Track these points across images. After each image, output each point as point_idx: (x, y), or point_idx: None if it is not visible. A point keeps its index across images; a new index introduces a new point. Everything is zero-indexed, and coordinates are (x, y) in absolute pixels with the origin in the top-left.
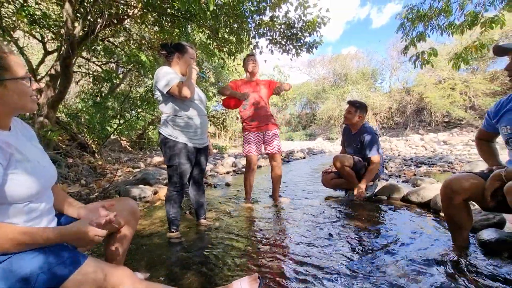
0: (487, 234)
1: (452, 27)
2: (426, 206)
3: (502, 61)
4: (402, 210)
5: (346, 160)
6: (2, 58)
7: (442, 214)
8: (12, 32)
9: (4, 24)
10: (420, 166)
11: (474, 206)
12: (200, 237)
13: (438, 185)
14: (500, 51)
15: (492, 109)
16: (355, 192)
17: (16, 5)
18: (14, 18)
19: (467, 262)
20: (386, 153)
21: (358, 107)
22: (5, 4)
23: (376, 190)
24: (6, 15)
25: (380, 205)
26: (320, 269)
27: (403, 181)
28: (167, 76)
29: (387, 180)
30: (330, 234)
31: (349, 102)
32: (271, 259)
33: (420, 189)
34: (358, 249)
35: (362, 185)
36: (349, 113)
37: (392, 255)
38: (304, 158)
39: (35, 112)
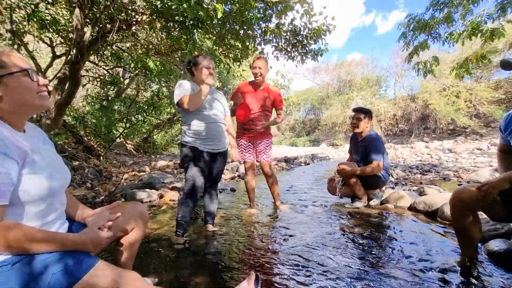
0: (496, 245)
1: (453, 37)
2: (434, 215)
3: None
4: (409, 219)
5: (352, 167)
6: None
7: (449, 222)
8: (22, 37)
9: (14, 29)
10: (426, 174)
11: (482, 216)
12: (207, 242)
13: (445, 194)
14: (508, 65)
15: (502, 123)
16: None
17: (28, 10)
18: (24, 23)
19: (477, 273)
20: (391, 161)
21: (366, 113)
22: (16, 9)
23: (382, 198)
24: (17, 20)
25: (386, 214)
26: (322, 273)
27: (409, 190)
28: (178, 89)
29: (393, 188)
30: (335, 241)
31: (356, 110)
32: (274, 263)
33: (427, 197)
34: (362, 256)
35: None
36: (359, 120)
37: (398, 264)
38: (308, 164)
39: (42, 114)
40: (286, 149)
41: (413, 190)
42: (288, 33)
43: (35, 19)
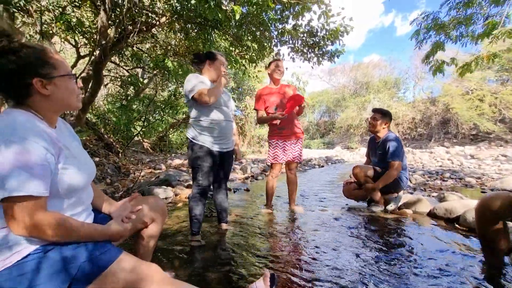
0: None
1: (468, 36)
2: (454, 222)
3: None
4: (428, 225)
5: (366, 170)
6: (51, 58)
7: (469, 229)
8: (50, 38)
9: (43, 30)
10: (446, 180)
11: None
12: (221, 240)
13: (467, 201)
14: None
15: None
16: (374, 198)
17: (56, 13)
18: (52, 25)
19: (501, 283)
20: (410, 165)
21: (384, 114)
22: (45, 12)
23: (400, 203)
24: (46, 23)
25: (404, 219)
26: (337, 278)
27: (428, 195)
28: (192, 82)
29: (411, 193)
30: (350, 245)
31: (374, 110)
32: (289, 263)
33: (448, 203)
34: (379, 263)
35: (374, 185)
36: (375, 120)
37: (418, 273)
38: (322, 166)
39: (66, 112)
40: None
41: (433, 196)
42: (305, 34)
43: (62, 21)
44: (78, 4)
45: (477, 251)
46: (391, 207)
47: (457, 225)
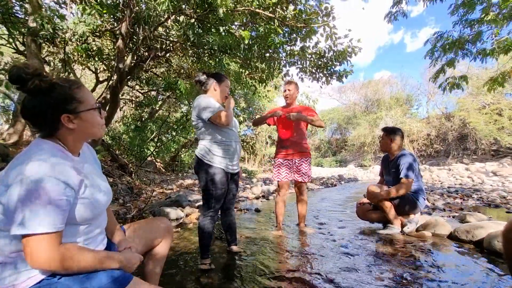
0: None
1: (485, 53)
2: (478, 246)
3: None
4: (449, 249)
5: (381, 189)
6: (77, 93)
7: (491, 251)
8: (72, 65)
9: (66, 59)
10: (467, 199)
11: None
12: (231, 263)
13: (491, 222)
14: None
15: None
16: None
17: (78, 42)
18: (75, 53)
19: None
20: (427, 183)
21: (390, 132)
22: (69, 42)
23: (418, 225)
24: (69, 52)
25: (423, 242)
26: None
27: (448, 216)
28: (209, 104)
29: (430, 214)
30: (365, 271)
31: (382, 129)
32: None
33: (470, 225)
34: None
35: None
36: (383, 139)
37: None
38: (335, 185)
39: None
40: (311, 169)
41: (453, 217)
42: (313, 56)
43: (83, 50)
44: (99, 34)
45: (505, 277)
46: (408, 229)
47: (481, 249)
